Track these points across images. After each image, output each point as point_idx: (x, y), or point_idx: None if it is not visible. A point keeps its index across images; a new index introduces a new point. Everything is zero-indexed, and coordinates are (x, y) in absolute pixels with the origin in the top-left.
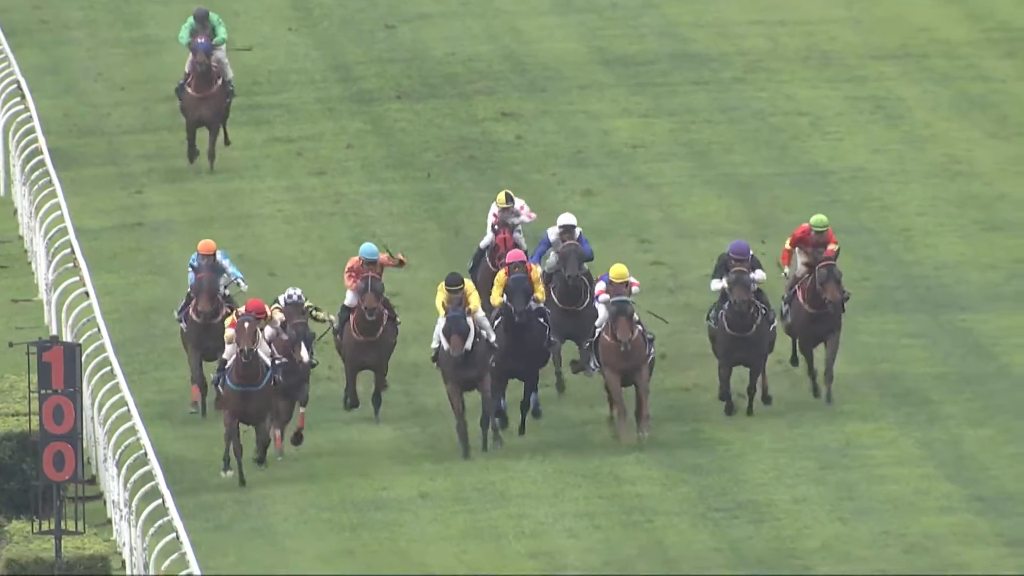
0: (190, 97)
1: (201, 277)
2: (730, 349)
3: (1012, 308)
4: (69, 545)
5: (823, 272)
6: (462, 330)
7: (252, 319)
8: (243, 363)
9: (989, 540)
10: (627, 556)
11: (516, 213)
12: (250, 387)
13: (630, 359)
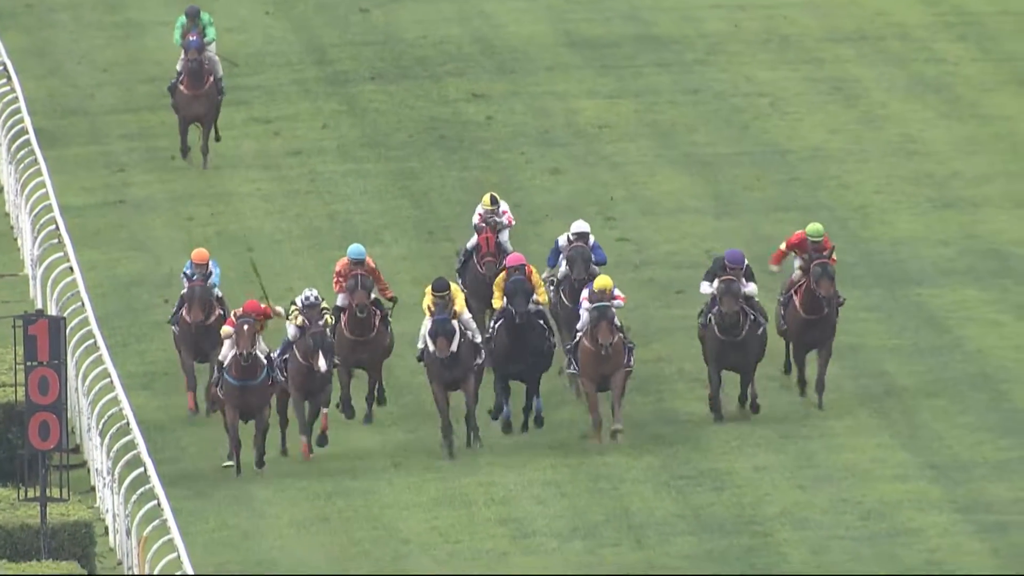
0: (183, 95)
1: (193, 285)
2: (720, 353)
3: (964, 283)
4: (54, 512)
5: (818, 269)
6: (448, 332)
7: (251, 321)
8: (243, 366)
9: (942, 507)
10: (593, 522)
11: (500, 215)
12: (249, 381)
13: (608, 364)
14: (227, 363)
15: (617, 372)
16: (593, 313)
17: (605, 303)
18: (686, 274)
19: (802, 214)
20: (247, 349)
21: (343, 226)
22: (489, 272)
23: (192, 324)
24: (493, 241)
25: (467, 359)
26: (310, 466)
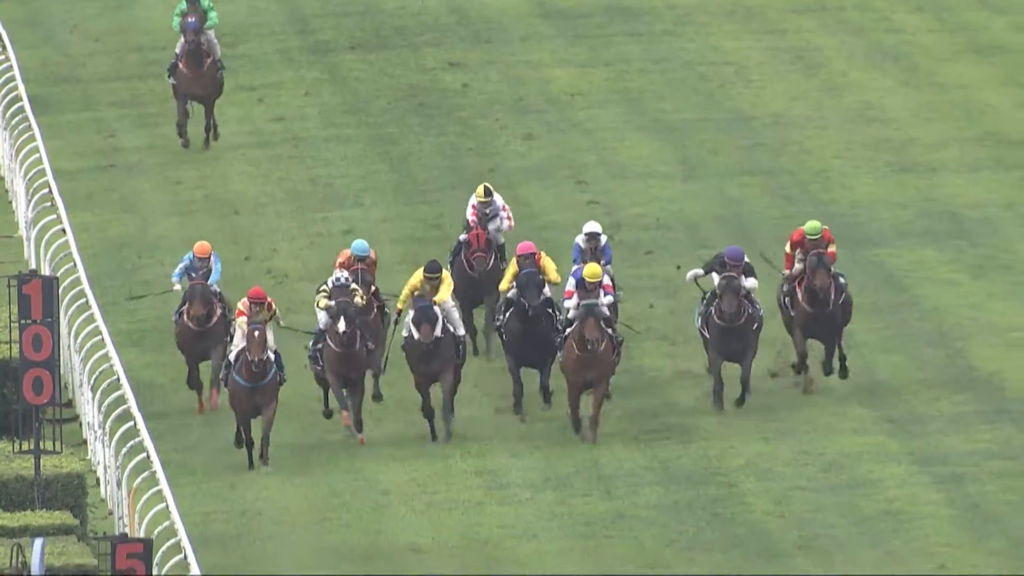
0: (183, 75)
1: (195, 283)
2: (720, 341)
3: (921, 243)
4: (47, 464)
5: (814, 259)
6: (431, 318)
7: (262, 327)
8: (254, 372)
9: (900, 459)
10: (564, 474)
11: (494, 207)
12: (259, 383)
13: (592, 369)
14: (237, 363)
15: (600, 382)
16: (581, 310)
17: (592, 301)
18: (654, 235)
19: (765, 178)
20: (259, 356)
21: (324, 189)
22: (480, 267)
23: (194, 321)
24: (484, 238)
25: (447, 351)
26: (293, 423)
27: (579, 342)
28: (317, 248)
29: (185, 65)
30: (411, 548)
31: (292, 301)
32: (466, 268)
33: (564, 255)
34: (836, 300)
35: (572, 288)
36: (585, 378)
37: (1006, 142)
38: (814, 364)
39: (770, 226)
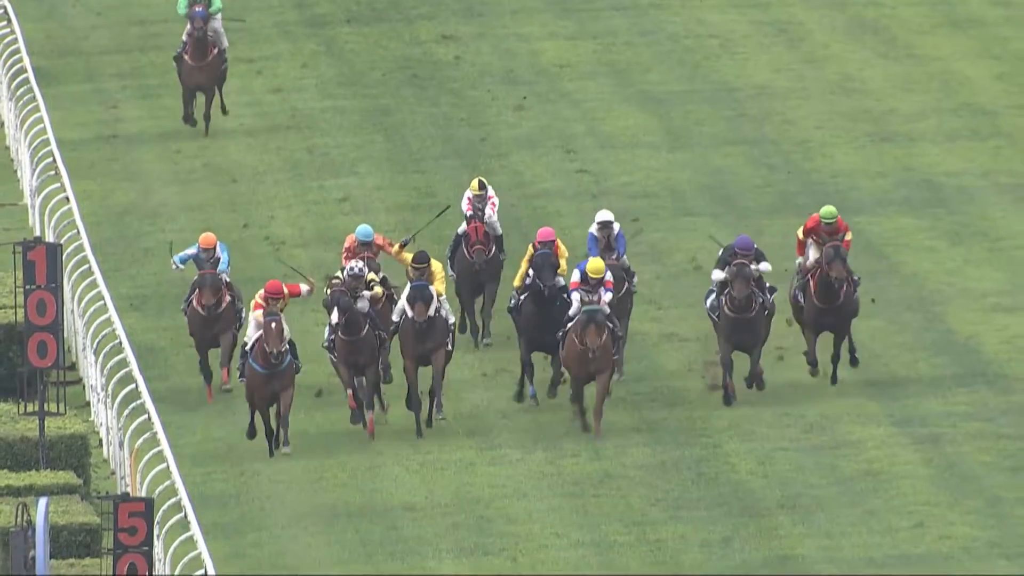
0: (188, 65)
1: (204, 273)
2: (731, 331)
3: (900, 211)
4: (52, 425)
5: (830, 251)
6: (427, 298)
7: (279, 319)
8: (272, 363)
9: (879, 420)
10: (555, 435)
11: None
12: (274, 370)
13: (594, 364)
14: (253, 351)
15: (602, 375)
16: (583, 317)
17: (595, 307)
18: (641, 203)
19: (748, 147)
20: (277, 348)
21: (321, 159)
22: (479, 259)
23: (204, 310)
24: (482, 230)
25: (440, 333)
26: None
27: (580, 342)
28: (313, 216)
29: (190, 56)
30: (405, 506)
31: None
32: (467, 259)
33: (552, 222)
34: (849, 293)
35: (576, 280)
36: (587, 371)
37: (982, 113)
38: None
39: (753, 194)
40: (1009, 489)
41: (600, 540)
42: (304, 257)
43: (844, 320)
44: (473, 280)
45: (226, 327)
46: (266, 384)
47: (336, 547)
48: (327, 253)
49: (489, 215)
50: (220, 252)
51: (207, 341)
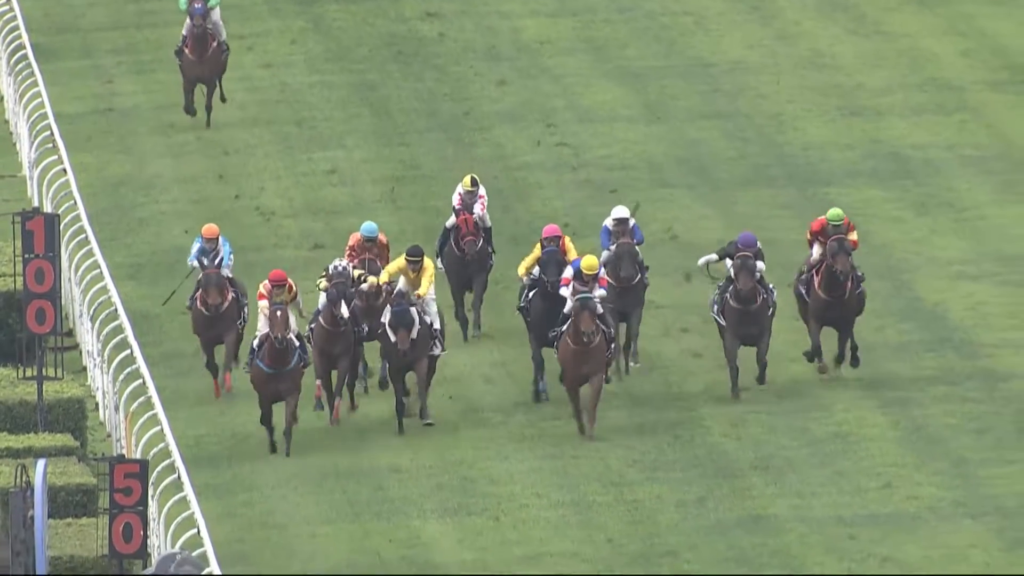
0: (188, 59)
1: (209, 272)
2: (737, 324)
3: (868, 183)
4: (50, 389)
5: (835, 245)
6: (408, 324)
7: (284, 307)
8: (277, 349)
9: (848, 384)
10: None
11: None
12: (281, 368)
13: (588, 362)
14: (261, 348)
15: (596, 375)
16: (575, 303)
17: (587, 294)
18: (618, 175)
19: (723, 121)
20: (282, 333)
21: (309, 132)
22: (470, 251)
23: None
24: (472, 221)
25: (422, 345)
26: None
27: (575, 336)
28: (302, 187)
29: (191, 49)
30: (390, 468)
31: (279, 236)
32: (456, 252)
33: (533, 193)
34: (853, 289)
35: (569, 276)
36: (582, 371)
37: (947, 88)
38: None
39: (727, 166)
40: (974, 451)
41: (579, 500)
42: (293, 227)
43: (848, 315)
44: (462, 273)
45: (230, 326)
46: (270, 383)
47: (324, 506)
48: (315, 223)
49: (479, 213)
50: (222, 245)
51: (212, 340)
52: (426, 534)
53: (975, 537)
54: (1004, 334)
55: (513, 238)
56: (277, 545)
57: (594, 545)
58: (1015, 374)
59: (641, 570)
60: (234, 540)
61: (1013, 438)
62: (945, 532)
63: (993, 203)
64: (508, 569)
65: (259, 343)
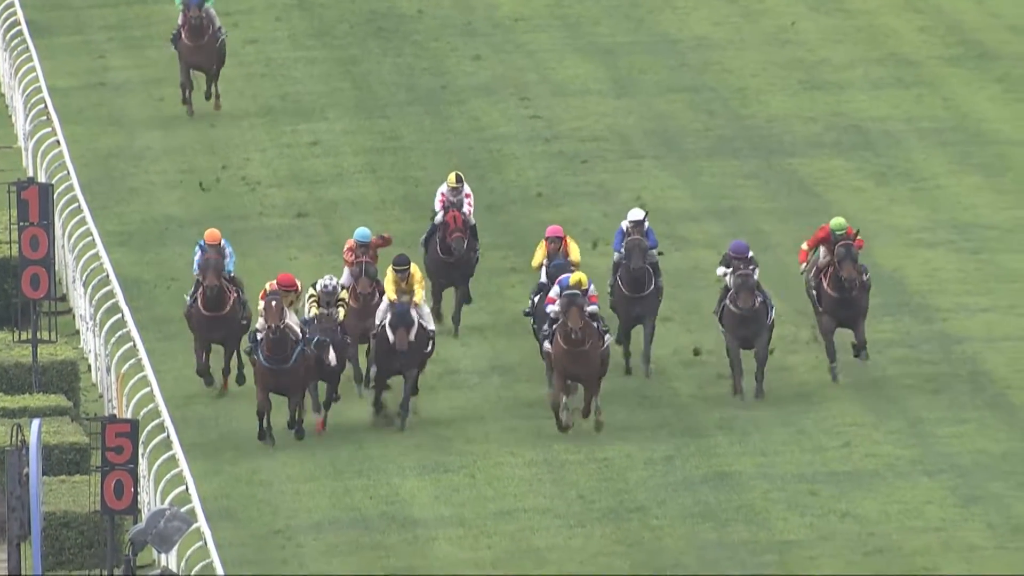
0: (185, 46)
1: (208, 257)
2: (736, 326)
3: (830, 154)
4: (44, 352)
5: (841, 250)
6: (408, 323)
7: (278, 298)
8: (272, 339)
9: (810, 346)
10: (510, 362)
11: (464, 194)
12: (282, 364)
13: (580, 362)
14: (260, 340)
15: (590, 382)
16: (563, 300)
17: (574, 291)
18: (589, 146)
19: (690, 94)
20: (275, 323)
21: (293, 105)
22: (458, 247)
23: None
24: (460, 219)
25: (417, 349)
26: None
27: (564, 335)
28: (286, 158)
29: (187, 36)
30: (370, 428)
31: (264, 205)
32: (439, 252)
33: (507, 164)
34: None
35: (555, 295)
36: (573, 373)
37: (906, 62)
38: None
39: (694, 138)
40: (929, 410)
41: (551, 459)
42: (278, 196)
43: (857, 314)
44: (447, 273)
45: (232, 327)
46: (272, 378)
47: (307, 464)
48: (299, 192)
49: (466, 211)
50: (225, 247)
51: (209, 341)
52: (405, 490)
53: (931, 493)
54: (959, 299)
55: (489, 207)
56: (262, 501)
57: (566, 501)
58: (969, 337)
59: (612, 525)
60: (220, 496)
61: (967, 398)
62: (902, 488)
63: (949, 173)
64: (483, 524)
65: (259, 336)
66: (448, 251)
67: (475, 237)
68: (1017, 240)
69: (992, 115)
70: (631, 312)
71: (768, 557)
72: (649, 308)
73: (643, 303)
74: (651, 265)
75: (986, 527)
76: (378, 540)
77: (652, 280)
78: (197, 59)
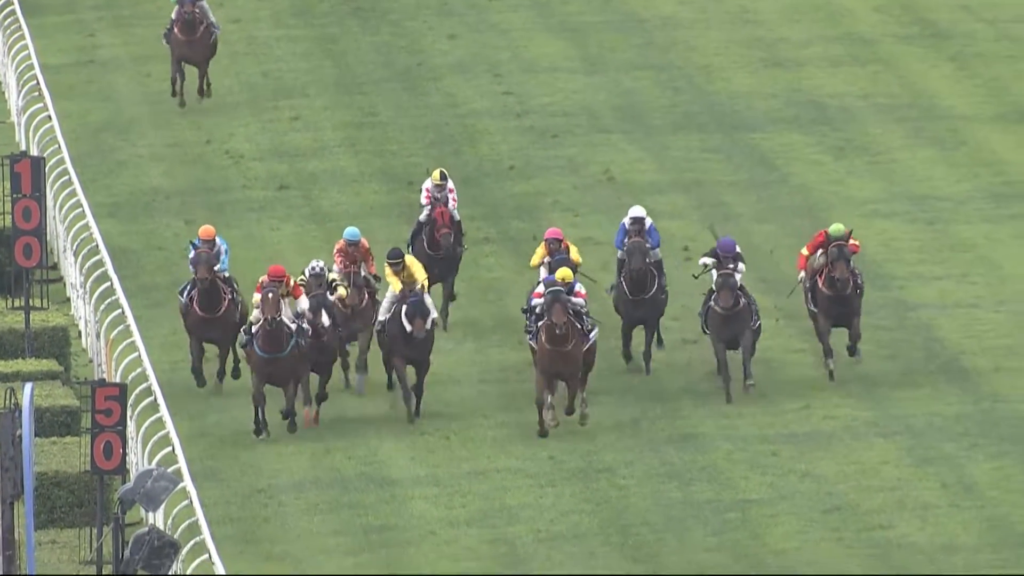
0: (177, 40)
1: (200, 251)
2: (720, 327)
3: (789, 128)
4: (36, 318)
5: (835, 251)
6: (424, 313)
7: (275, 289)
8: (268, 331)
9: (771, 313)
10: (483, 329)
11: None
12: (276, 354)
13: (563, 361)
14: (255, 332)
15: (573, 379)
16: (547, 297)
17: (558, 288)
18: (560, 121)
19: (656, 72)
20: (271, 314)
21: (275, 82)
22: (445, 243)
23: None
24: (448, 215)
25: (428, 339)
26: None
27: (548, 333)
28: (268, 132)
29: (180, 30)
30: (349, 392)
31: (247, 178)
32: (426, 247)
33: (481, 139)
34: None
35: (541, 291)
36: (556, 371)
37: (862, 41)
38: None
39: (660, 113)
40: (885, 375)
41: (522, 422)
42: (260, 169)
43: (851, 312)
44: (432, 268)
45: (227, 328)
46: (267, 367)
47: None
48: (280, 165)
49: (451, 206)
50: (220, 244)
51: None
52: (382, 452)
53: (886, 454)
54: (913, 267)
55: (463, 180)
56: (245, 462)
57: (536, 462)
58: (923, 304)
59: (581, 485)
60: (206, 457)
61: (921, 363)
62: (859, 449)
63: (904, 147)
64: (457, 483)
65: (254, 328)
66: (436, 247)
67: (460, 232)
68: (970, 211)
69: (945, 91)
70: (633, 314)
71: (731, 515)
72: (652, 311)
73: (646, 305)
74: (654, 265)
75: (939, 486)
76: (357, 499)
77: (655, 281)
78: (189, 53)
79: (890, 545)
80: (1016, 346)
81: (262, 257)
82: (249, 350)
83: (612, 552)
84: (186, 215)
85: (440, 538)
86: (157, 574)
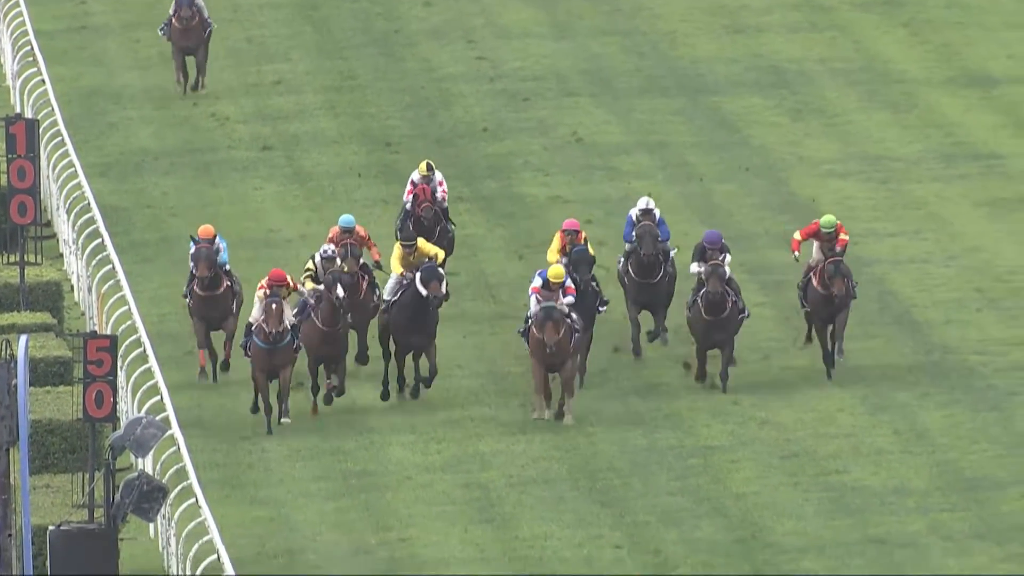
0: (176, 30)
1: (200, 247)
2: (706, 332)
3: (750, 92)
4: (31, 273)
5: (831, 268)
6: (439, 276)
7: (279, 300)
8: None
9: (733, 269)
10: (456, 284)
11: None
12: (276, 345)
13: (555, 356)
14: (255, 328)
15: (567, 362)
16: (540, 314)
17: (551, 304)
18: (531, 85)
19: (622, 38)
20: (276, 329)
21: (258, 47)
22: (427, 215)
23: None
24: (429, 191)
25: (433, 320)
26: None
27: (536, 346)
28: (252, 95)
29: (177, 20)
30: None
31: (232, 139)
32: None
33: (456, 102)
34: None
35: (537, 285)
36: (549, 362)
37: (820, 8)
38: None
39: (626, 77)
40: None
41: (495, 372)
42: (244, 130)
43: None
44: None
45: (226, 310)
46: (267, 358)
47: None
48: (264, 127)
49: (440, 196)
50: (219, 243)
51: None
52: (361, 400)
53: (842, 403)
54: (868, 224)
55: (438, 141)
56: (230, 411)
57: (509, 410)
58: (877, 260)
59: (551, 432)
60: (193, 407)
61: (875, 315)
62: (816, 399)
63: (859, 110)
64: (432, 431)
65: (254, 329)
66: (419, 223)
67: (448, 219)
68: (922, 171)
69: (899, 56)
70: (639, 299)
71: (693, 461)
72: (659, 297)
73: (652, 290)
74: (662, 253)
75: (892, 433)
76: (337, 446)
77: (662, 267)
78: (187, 41)
79: (845, 489)
80: (965, 299)
81: (246, 214)
82: (251, 346)
83: (580, 496)
84: (174, 175)
85: (416, 482)
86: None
